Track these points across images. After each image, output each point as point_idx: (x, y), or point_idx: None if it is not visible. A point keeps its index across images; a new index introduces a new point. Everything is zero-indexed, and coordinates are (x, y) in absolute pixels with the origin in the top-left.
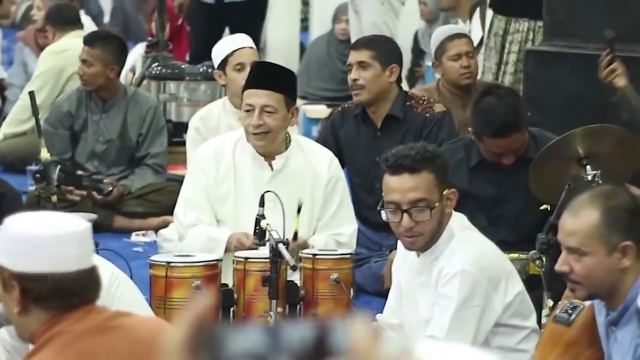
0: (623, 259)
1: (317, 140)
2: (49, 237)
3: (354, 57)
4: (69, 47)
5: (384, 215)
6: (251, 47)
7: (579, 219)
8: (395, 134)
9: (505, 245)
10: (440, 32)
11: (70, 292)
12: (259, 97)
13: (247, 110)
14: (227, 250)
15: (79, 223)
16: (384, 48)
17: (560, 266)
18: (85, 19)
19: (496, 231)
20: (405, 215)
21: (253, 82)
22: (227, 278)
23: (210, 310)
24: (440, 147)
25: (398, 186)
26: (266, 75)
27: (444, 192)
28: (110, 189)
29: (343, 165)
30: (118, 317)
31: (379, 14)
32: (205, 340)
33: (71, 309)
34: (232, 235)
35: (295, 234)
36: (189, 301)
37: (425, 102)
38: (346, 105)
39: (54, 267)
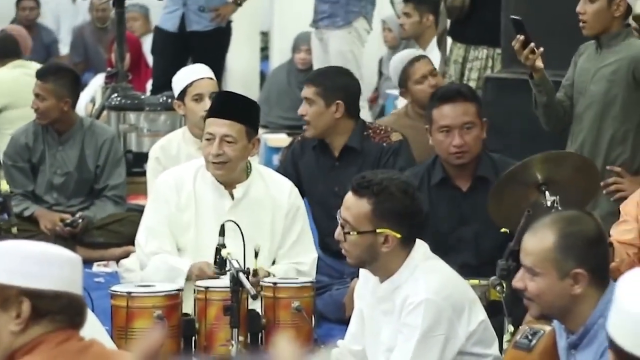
0: (574, 286)
1: (278, 170)
2: (65, 259)
3: (303, 91)
4: (5, 79)
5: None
6: (210, 78)
7: (536, 240)
8: (352, 164)
9: (467, 269)
10: (398, 59)
11: (76, 314)
12: (219, 126)
13: (208, 139)
14: (188, 279)
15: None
16: (329, 84)
17: (515, 282)
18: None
19: (457, 255)
20: (338, 227)
21: (215, 111)
22: (189, 307)
23: (163, 342)
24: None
25: (345, 198)
26: (228, 105)
27: (378, 230)
28: (80, 220)
29: (303, 194)
30: (95, 345)
31: (345, 42)
32: None
33: (65, 328)
34: (193, 264)
35: (255, 272)
36: (150, 331)
37: (382, 132)
38: (304, 136)
39: (66, 287)
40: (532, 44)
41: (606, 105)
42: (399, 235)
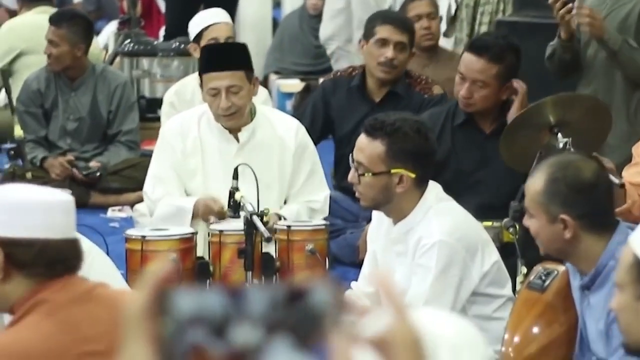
0: (564, 231)
1: (298, 109)
2: (36, 203)
3: (394, 35)
4: (26, 24)
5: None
6: (227, 23)
7: (530, 182)
8: (393, 109)
9: (485, 211)
10: None
11: (55, 260)
12: (221, 79)
13: (213, 95)
14: (194, 216)
15: (62, 193)
16: (412, 31)
17: (524, 221)
18: None
19: (476, 196)
20: (352, 169)
21: (211, 65)
22: (203, 251)
23: (170, 275)
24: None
25: (358, 140)
26: (222, 56)
27: (393, 170)
28: (98, 174)
29: (330, 132)
30: (98, 287)
31: None
32: (164, 306)
33: (54, 277)
34: (198, 200)
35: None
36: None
37: (423, 82)
38: (338, 74)
39: (40, 233)
40: (570, 5)
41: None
42: (413, 175)
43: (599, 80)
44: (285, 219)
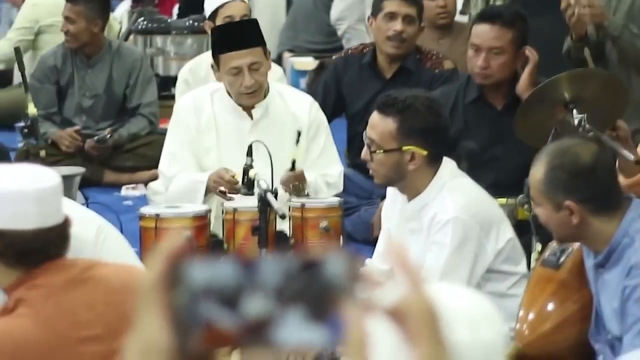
0: (571, 217)
1: (312, 86)
2: (4, 193)
3: (402, 8)
4: (49, 1)
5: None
6: (242, 0)
7: (532, 172)
8: (404, 85)
9: (499, 187)
10: None
11: (28, 250)
12: (242, 57)
13: (234, 74)
14: (208, 189)
15: (42, 180)
16: (420, 4)
17: (534, 208)
18: None
19: (490, 173)
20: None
21: (229, 44)
22: (217, 228)
23: (183, 248)
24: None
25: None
26: (239, 34)
27: (404, 147)
28: (108, 136)
29: (342, 110)
30: (91, 268)
31: None
32: (178, 277)
33: (35, 266)
34: (211, 173)
35: (293, 163)
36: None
37: (434, 58)
38: (349, 51)
39: (9, 224)
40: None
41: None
42: (424, 153)
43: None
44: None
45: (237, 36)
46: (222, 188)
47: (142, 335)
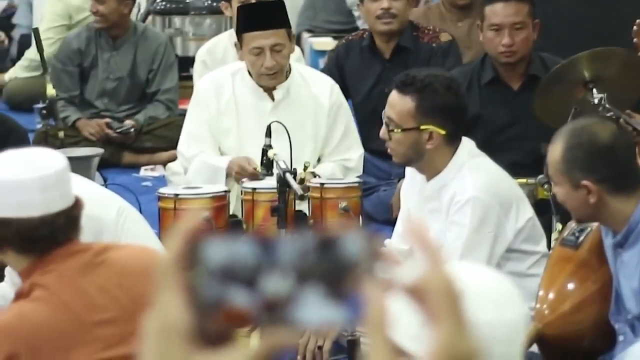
0: (588, 196)
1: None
2: (8, 183)
3: None
4: None
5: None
6: None
7: (550, 152)
8: (403, 64)
9: (517, 168)
10: None
11: (36, 238)
12: (265, 38)
13: (256, 54)
14: (228, 176)
15: (45, 167)
16: None
17: (552, 188)
18: None
19: (507, 153)
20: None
21: (253, 24)
22: (236, 209)
23: (202, 227)
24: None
25: (389, 97)
26: (264, 14)
27: (422, 126)
28: (132, 130)
29: (347, 96)
30: (105, 251)
31: None
32: (196, 256)
33: (45, 251)
34: (232, 160)
35: (302, 180)
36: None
37: (431, 32)
38: (350, 38)
39: (15, 213)
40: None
41: None
42: (443, 132)
43: None
44: (319, 177)
45: (261, 16)
46: (245, 180)
47: (160, 315)
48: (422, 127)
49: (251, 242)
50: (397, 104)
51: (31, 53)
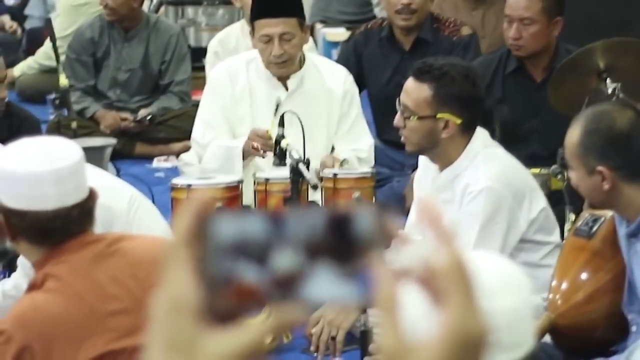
0: (602, 182)
1: (338, 62)
2: (23, 175)
3: None
4: None
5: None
6: None
7: (568, 135)
8: (423, 56)
9: (536, 159)
10: None
11: (50, 230)
12: (274, 26)
13: (265, 41)
14: (245, 154)
15: (60, 160)
16: None
17: (568, 172)
18: None
19: (527, 145)
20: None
21: (264, 11)
22: (249, 200)
23: (209, 204)
24: None
25: (405, 84)
26: (275, 2)
27: (438, 115)
28: (149, 117)
29: (364, 85)
30: (118, 241)
31: None
32: (206, 232)
33: (58, 243)
34: (247, 139)
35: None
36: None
37: (451, 25)
38: (369, 26)
39: (30, 204)
40: None
41: None
42: (459, 121)
43: None
44: (347, 161)
45: (273, 4)
46: (255, 144)
47: (169, 292)
48: (438, 115)
49: (262, 219)
50: (414, 91)
51: (45, 48)
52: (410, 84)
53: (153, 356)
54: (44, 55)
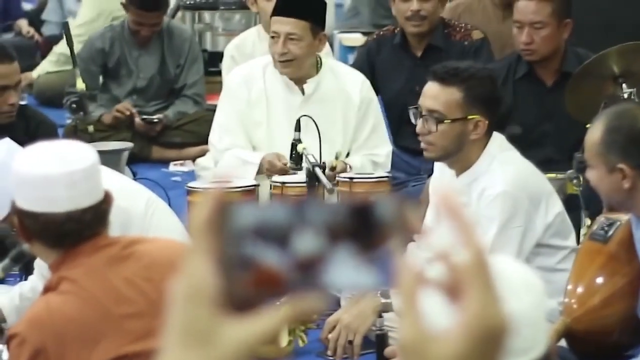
0: (623, 180)
1: (352, 67)
2: (35, 177)
3: None
4: None
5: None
6: None
7: (589, 133)
8: (435, 62)
9: (549, 164)
10: None
11: (63, 232)
12: (283, 24)
13: (273, 38)
14: (259, 172)
15: (73, 163)
16: None
17: (587, 173)
18: None
19: (540, 149)
20: (421, 120)
21: (279, 9)
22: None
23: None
24: None
25: (427, 89)
26: (292, 2)
27: (469, 116)
28: (156, 120)
29: (377, 92)
30: (133, 244)
31: None
32: (227, 219)
33: (73, 246)
34: (264, 157)
35: (333, 167)
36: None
37: (462, 30)
38: (381, 33)
39: (43, 206)
40: None
41: None
42: (488, 121)
43: None
44: (350, 167)
45: (289, 3)
46: (275, 177)
47: (189, 279)
48: (470, 117)
49: (283, 205)
50: (441, 94)
51: (60, 47)
52: (434, 88)
53: (170, 342)
54: (60, 47)
